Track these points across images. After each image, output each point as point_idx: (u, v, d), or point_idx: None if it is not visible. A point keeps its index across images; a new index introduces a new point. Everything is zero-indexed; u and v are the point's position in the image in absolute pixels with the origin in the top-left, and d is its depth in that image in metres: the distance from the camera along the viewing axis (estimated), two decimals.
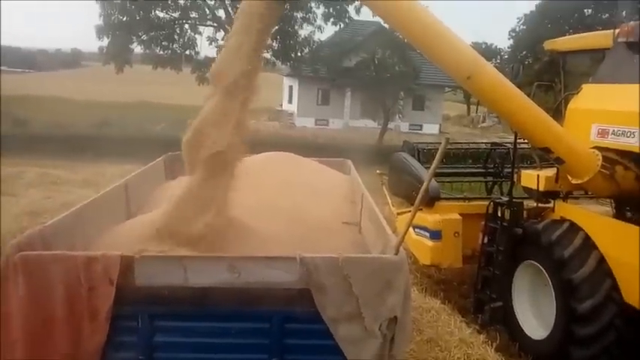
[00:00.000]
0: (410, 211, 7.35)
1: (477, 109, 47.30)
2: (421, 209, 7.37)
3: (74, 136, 20.89)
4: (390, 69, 27.66)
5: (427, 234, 7.62)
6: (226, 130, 3.97)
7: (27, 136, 20.05)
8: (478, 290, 7.14)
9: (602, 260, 5.84)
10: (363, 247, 4.58)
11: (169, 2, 23.61)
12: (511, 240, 6.66)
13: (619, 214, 6.29)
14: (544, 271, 6.24)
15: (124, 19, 22.86)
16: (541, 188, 6.65)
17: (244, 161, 4.22)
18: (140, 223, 4.45)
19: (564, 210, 6.59)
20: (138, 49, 24.16)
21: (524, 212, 6.85)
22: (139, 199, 5.62)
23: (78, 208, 4.29)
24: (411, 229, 7.13)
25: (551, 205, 6.81)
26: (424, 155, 8.93)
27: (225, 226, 3.98)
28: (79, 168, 15.71)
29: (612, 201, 6.49)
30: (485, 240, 7.11)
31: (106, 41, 23.13)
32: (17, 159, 15.87)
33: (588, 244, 5.97)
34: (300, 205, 5.07)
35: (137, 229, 4.17)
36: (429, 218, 7.57)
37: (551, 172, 6.64)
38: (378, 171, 9.62)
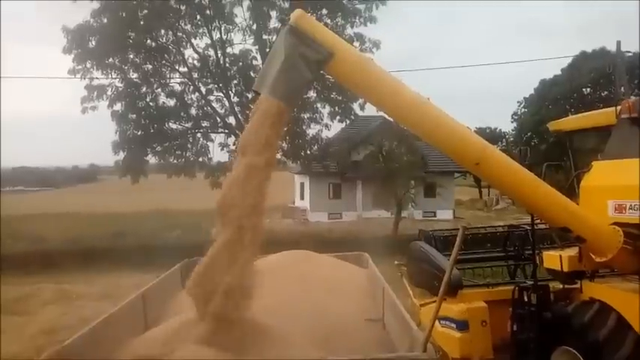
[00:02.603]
0: (433, 302, 7.18)
1: (488, 192, 47.37)
2: (445, 299, 7.16)
3: (90, 249, 21.02)
4: (399, 159, 28.07)
5: (453, 325, 7.32)
6: (234, 270, 3.90)
7: (44, 254, 20.20)
8: None
9: (639, 340, 5.56)
10: (389, 344, 4.42)
11: (182, 114, 24.56)
12: (541, 326, 6.39)
13: None
14: (580, 356, 5.93)
15: (139, 133, 23.70)
16: (565, 269, 6.46)
17: (260, 261, 4.17)
18: (157, 334, 4.35)
19: (592, 290, 6.38)
20: (152, 159, 24.85)
21: (552, 295, 6.63)
22: (156, 309, 5.53)
23: (95, 325, 4.24)
24: (436, 322, 6.90)
25: (577, 285, 6.61)
26: (441, 243, 8.79)
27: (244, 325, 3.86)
28: (96, 281, 15.67)
29: None
30: (515, 327, 6.83)
31: (121, 155, 23.86)
32: (34, 277, 15.91)
33: (622, 325, 5.72)
34: (320, 303, 4.96)
35: (152, 342, 4.06)
36: (454, 308, 7.31)
37: (573, 251, 6.49)
38: (396, 262, 9.46)
